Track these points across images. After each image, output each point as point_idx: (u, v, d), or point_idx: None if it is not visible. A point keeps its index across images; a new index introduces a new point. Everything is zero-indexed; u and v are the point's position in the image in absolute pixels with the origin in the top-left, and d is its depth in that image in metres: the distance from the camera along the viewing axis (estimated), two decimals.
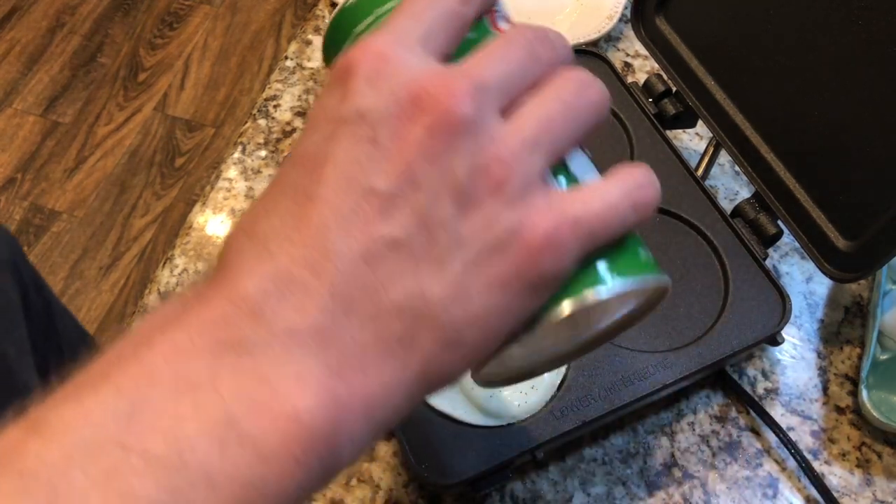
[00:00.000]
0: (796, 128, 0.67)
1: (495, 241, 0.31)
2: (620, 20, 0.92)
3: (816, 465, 0.67)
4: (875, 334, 0.71)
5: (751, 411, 0.69)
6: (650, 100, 0.78)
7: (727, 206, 0.73)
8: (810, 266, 0.77)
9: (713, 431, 0.69)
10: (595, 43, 0.90)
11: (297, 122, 0.86)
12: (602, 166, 0.75)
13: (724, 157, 0.82)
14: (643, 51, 0.90)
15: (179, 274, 0.76)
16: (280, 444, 0.28)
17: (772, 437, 0.68)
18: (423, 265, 0.30)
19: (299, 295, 0.30)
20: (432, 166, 0.30)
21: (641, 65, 0.91)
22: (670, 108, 0.77)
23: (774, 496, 0.66)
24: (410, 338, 0.30)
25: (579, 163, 0.37)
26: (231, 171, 0.82)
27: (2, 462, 0.26)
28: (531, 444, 0.60)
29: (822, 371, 0.72)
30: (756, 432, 0.69)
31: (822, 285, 0.76)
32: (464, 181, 0.30)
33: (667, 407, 0.70)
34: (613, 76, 0.79)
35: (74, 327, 0.89)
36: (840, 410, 0.70)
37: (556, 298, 0.33)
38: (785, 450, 0.67)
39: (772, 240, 0.70)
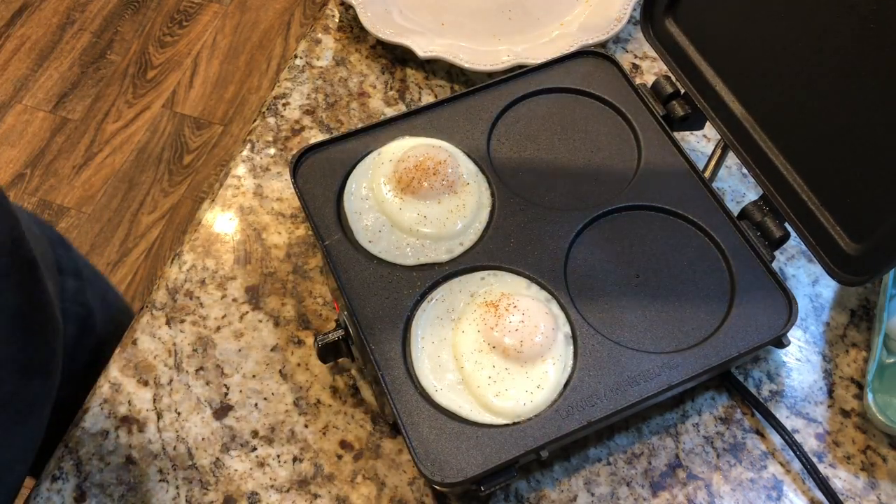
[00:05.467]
0: (804, 130, 0.67)
1: None
2: (629, 22, 0.92)
3: (821, 467, 0.67)
4: (881, 338, 0.71)
5: (756, 413, 0.69)
6: (658, 101, 0.78)
7: (734, 209, 0.73)
8: (817, 269, 0.77)
9: (718, 433, 0.69)
10: (604, 44, 0.90)
11: (306, 121, 0.86)
12: (610, 168, 0.76)
13: (731, 160, 0.82)
14: (651, 52, 0.90)
15: (188, 270, 0.76)
16: None
17: (777, 439, 0.68)
18: None
19: None
20: None
21: (650, 66, 0.91)
22: (678, 110, 0.77)
23: (779, 498, 0.66)
24: None
25: None
26: (240, 169, 0.82)
27: None
28: (536, 444, 0.60)
29: (828, 374, 0.72)
30: (761, 434, 0.69)
31: (828, 288, 0.76)
32: None
33: (672, 408, 0.70)
34: (622, 77, 0.79)
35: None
36: (845, 413, 0.70)
37: None
38: (790, 452, 0.67)
39: (778, 242, 0.70)
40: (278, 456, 0.67)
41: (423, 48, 0.87)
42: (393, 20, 0.91)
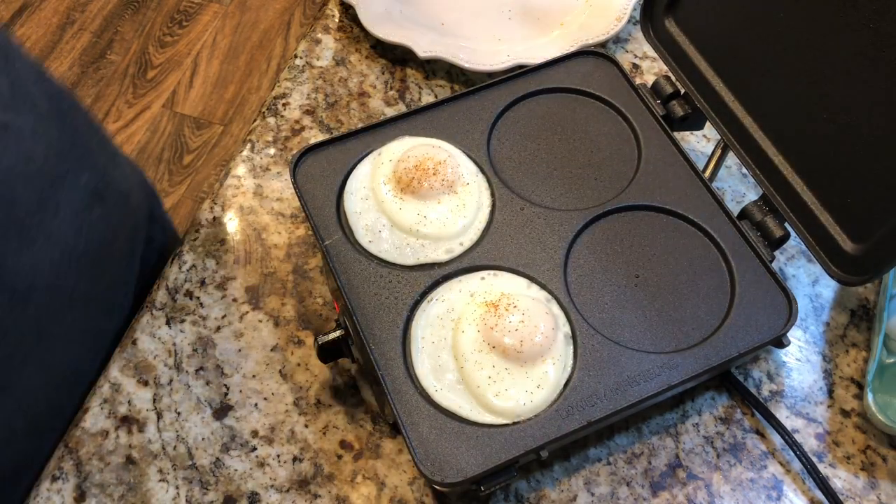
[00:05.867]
0: (804, 130, 0.67)
1: None
2: (629, 22, 0.92)
3: (821, 467, 0.67)
4: (881, 338, 0.71)
5: (756, 413, 0.69)
6: (658, 101, 0.78)
7: (734, 209, 0.73)
8: (817, 269, 0.77)
9: (718, 433, 0.69)
10: (604, 44, 0.90)
11: (306, 121, 0.86)
12: (610, 168, 0.76)
13: (731, 160, 0.82)
14: (651, 52, 0.90)
15: (188, 270, 0.76)
16: None
17: (777, 439, 0.68)
18: None
19: None
20: None
21: (650, 66, 0.91)
22: (678, 110, 0.77)
23: (779, 498, 0.66)
24: None
25: None
26: (240, 169, 0.82)
27: None
28: (536, 444, 0.60)
29: (828, 374, 0.72)
30: (761, 434, 0.69)
31: (828, 288, 0.76)
32: None
33: (672, 408, 0.70)
34: (622, 77, 0.79)
35: None
36: (845, 413, 0.70)
37: None
38: (790, 452, 0.67)
39: (778, 242, 0.70)
40: (278, 456, 0.67)
41: (424, 48, 0.87)
42: (393, 20, 0.91)
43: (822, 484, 0.65)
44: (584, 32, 0.90)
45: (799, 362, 0.73)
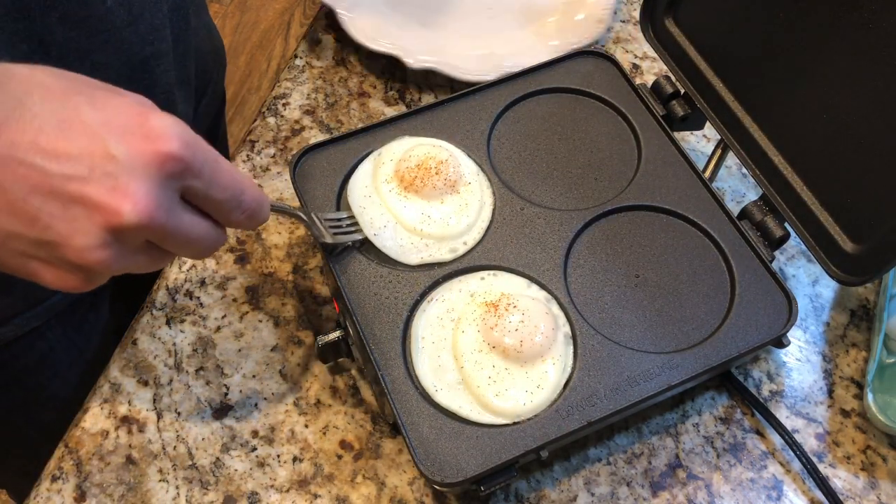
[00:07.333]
0: (804, 130, 0.67)
1: None
2: (629, 22, 0.92)
3: (821, 467, 0.67)
4: (881, 338, 0.71)
5: (756, 413, 0.69)
6: (658, 101, 0.78)
7: (734, 209, 0.73)
8: (817, 269, 0.77)
9: (718, 433, 0.69)
10: (590, 47, 0.89)
11: (306, 121, 0.86)
12: (610, 168, 0.76)
13: (731, 160, 0.82)
14: (651, 52, 0.90)
15: (188, 270, 0.76)
16: None
17: (777, 439, 0.68)
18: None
19: None
20: None
21: (650, 66, 0.91)
22: (678, 110, 0.77)
23: (779, 498, 0.66)
24: None
25: None
26: (240, 169, 0.82)
27: None
28: (536, 444, 0.60)
29: (828, 374, 0.72)
30: (761, 434, 0.69)
31: (828, 288, 0.76)
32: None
33: (672, 408, 0.70)
34: (622, 77, 0.79)
35: None
36: (845, 413, 0.70)
37: None
38: (790, 452, 0.67)
39: (778, 242, 0.70)
40: (278, 456, 0.67)
41: (415, 58, 0.86)
42: (382, 31, 0.89)
43: (822, 484, 0.65)
44: (566, 35, 0.90)
45: (799, 362, 0.73)
